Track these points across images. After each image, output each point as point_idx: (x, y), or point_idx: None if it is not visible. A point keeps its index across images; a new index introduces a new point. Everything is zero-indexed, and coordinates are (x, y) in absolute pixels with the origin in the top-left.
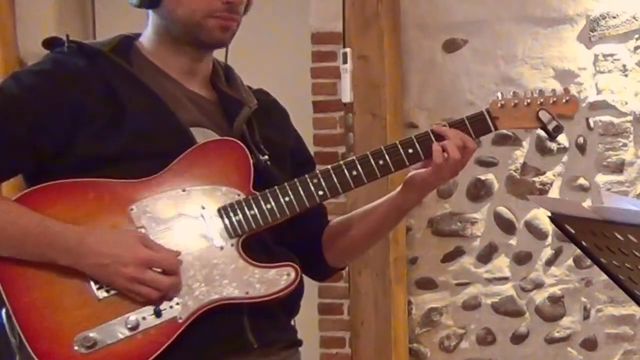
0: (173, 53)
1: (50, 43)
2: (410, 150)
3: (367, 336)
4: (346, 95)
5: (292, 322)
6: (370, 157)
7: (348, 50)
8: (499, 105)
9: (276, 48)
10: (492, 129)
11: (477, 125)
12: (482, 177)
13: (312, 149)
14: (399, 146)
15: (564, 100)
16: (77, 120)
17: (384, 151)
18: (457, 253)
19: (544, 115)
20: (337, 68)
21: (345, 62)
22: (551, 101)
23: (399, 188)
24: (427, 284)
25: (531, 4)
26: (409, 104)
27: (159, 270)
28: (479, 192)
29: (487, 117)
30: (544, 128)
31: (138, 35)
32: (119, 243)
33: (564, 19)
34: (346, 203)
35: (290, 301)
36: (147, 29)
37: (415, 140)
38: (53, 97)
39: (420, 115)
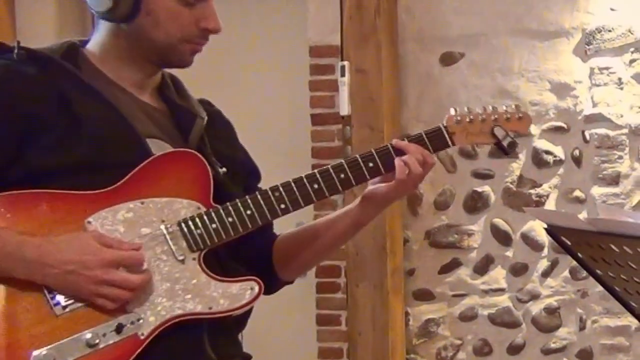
0: (128, 66)
1: None
2: (371, 164)
3: (365, 347)
4: (344, 108)
5: (240, 337)
6: (331, 170)
7: (346, 63)
8: (454, 120)
9: (274, 61)
10: (450, 144)
11: (435, 140)
12: (479, 189)
13: (310, 161)
14: (360, 160)
15: (517, 117)
16: (29, 130)
17: (345, 165)
18: (454, 264)
19: (499, 132)
20: (335, 81)
21: (343, 75)
22: (505, 117)
23: (356, 201)
24: (424, 295)
25: (528, 18)
26: (407, 117)
27: (125, 269)
28: (475, 204)
29: (445, 132)
30: (499, 144)
31: (84, 41)
32: (78, 247)
33: (560, 32)
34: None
35: (243, 316)
36: (100, 37)
37: (375, 154)
38: (2, 107)
39: (417, 127)
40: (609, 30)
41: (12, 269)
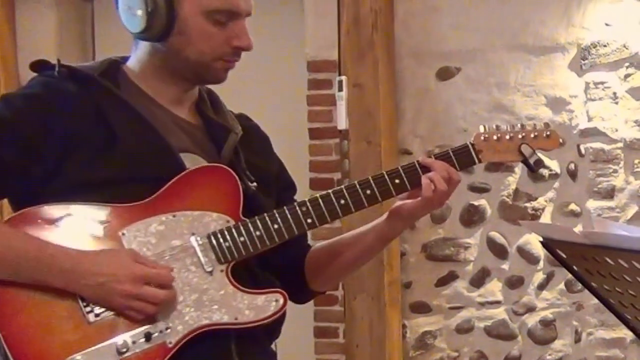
0: (165, 83)
1: (39, 66)
2: (397, 181)
3: (362, 359)
4: (341, 123)
5: (273, 346)
6: (358, 186)
7: (343, 78)
8: (482, 138)
9: (273, 76)
10: (476, 161)
11: (462, 157)
12: (475, 203)
13: (308, 175)
14: (386, 176)
15: (544, 135)
16: (67, 145)
17: (372, 181)
18: (451, 277)
19: (526, 149)
20: (332, 96)
21: (340, 89)
22: (532, 135)
23: (384, 216)
24: (421, 308)
25: (523, 33)
26: (403, 131)
27: (153, 285)
28: (472, 217)
29: (472, 150)
30: (526, 162)
31: (125, 58)
32: (112, 262)
33: (555, 47)
34: (341, 228)
35: (273, 326)
36: (138, 56)
37: (402, 171)
38: (44, 122)
39: (414, 142)
40: (604, 45)
41: (49, 279)
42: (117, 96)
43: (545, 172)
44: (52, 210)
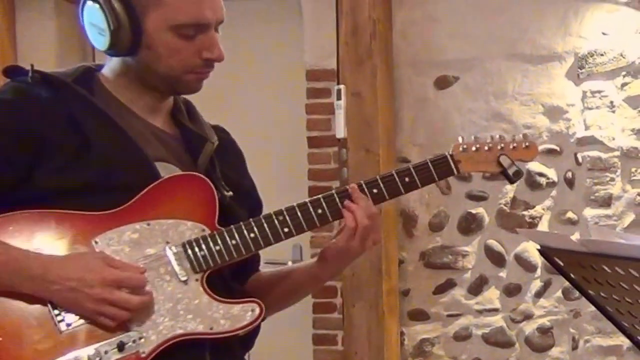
0: (139, 92)
1: (11, 71)
2: (375, 190)
3: None
4: (340, 131)
5: (247, 357)
6: (335, 195)
7: (342, 87)
8: (461, 149)
9: (272, 85)
10: (455, 171)
11: (440, 168)
12: (473, 211)
13: (307, 183)
14: (364, 185)
15: (523, 146)
16: (38, 152)
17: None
18: (449, 285)
19: (505, 160)
20: (331, 104)
21: (339, 98)
22: (511, 146)
23: (316, 257)
24: (419, 315)
25: (521, 42)
26: (402, 140)
27: (127, 290)
28: (469, 225)
29: (450, 160)
30: (504, 173)
31: (100, 66)
32: (83, 266)
33: (553, 56)
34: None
35: (248, 336)
36: (111, 66)
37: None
38: (14, 128)
39: (412, 150)
40: (601, 54)
41: (18, 284)
42: (91, 103)
43: (542, 180)
44: (23, 217)
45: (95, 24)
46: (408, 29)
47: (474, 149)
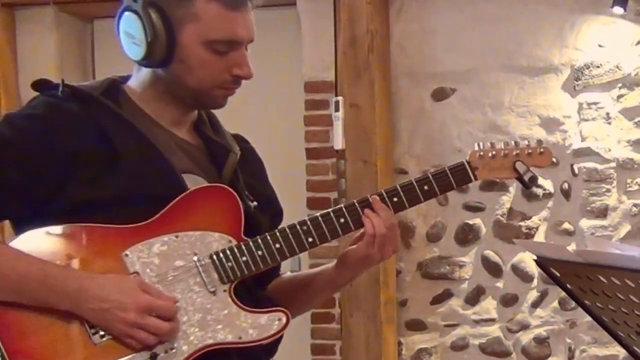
0: (166, 105)
1: (40, 85)
2: (396, 199)
3: None
4: (338, 143)
5: None
6: (357, 204)
7: (340, 98)
8: (477, 156)
9: (270, 96)
10: (472, 178)
11: (458, 175)
12: (470, 222)
13: (305, 194)
14: (385, 194)
15: (538, 152)
16: (70, 166)
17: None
18: (446, 295)
19: (520, 166)
20: (329, 116)
21: (337, 110)
22: (526, 152)
23: (333, 262)
24: (417, 325)
25: (517, 54)
26: (399, 151)
27: (157, 316)
28: (467, 236)
29: (468, 167)
30: (520, 178)
31: (125, 78)
32: (119, 288)
33: (549, 68)
34: (338, 247)
35: (272, 343)
36: (139, 78)
37: (399, 188)
38: (47, 142)
39: (410, 161)
40: (597, 66)
41: (54, 301)
42: (120, 116)
43: (539, 191)
44: (55, 231)
45: (131, 34)
46: (405, 41)
47: (490, 155)
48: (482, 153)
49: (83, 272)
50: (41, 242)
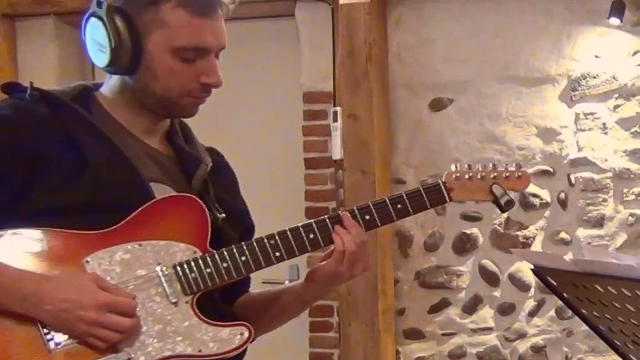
0: (136, 113)
1: (10, 87)
2: (368, 217)
3: None
4: (336, 153)
5: None
6: (327, 221)
7: (338, 109)
8: (454, 177)
9: (269, 107)
10: (447, 199)
11: (433, 195)
12: (467, 231)
13: (303, 204)
14: (356, 211)
15: (516, 176)
16: (35, 170)
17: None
18: (444, 304)
19: (497, 189)
20: (327, 126)
21: (335, 120)
22: (504, 175)
23: (302, 279)
24: (415, 334)
25: (514, 65)
26: (397, 161)
27: (117, 313)
28: (464, 245)
29: (443, 188)
30: (496, 202)
31: (98, 85)
32: (76, 288)
33: (546, 79)
34: None
35: (235, 358)
36: (109, 85)
37: (372, 205)
38: (12, 145)
39: (407, 171)
40: (594, 77)
41: (9, 303)
42: (89, 122)
43: (536, 200)
44: (16, 235)
45: (96, 40)
46: (403, 52)
47: (467, 177)
48: (458, 174)
49: (39, 274)
50: (1, 244)
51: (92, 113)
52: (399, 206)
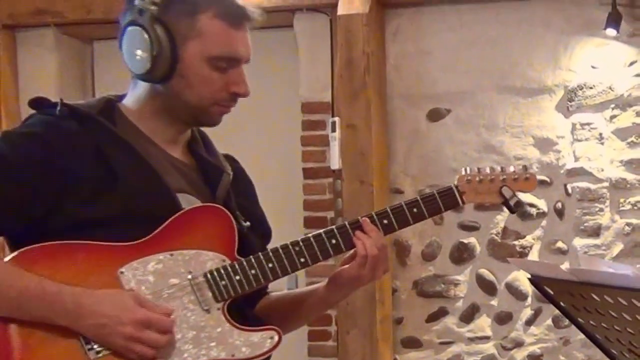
0: (162, 123)
1: (37, 103)
2: (385, 222)
3: None
4: (335, 163)
5: None
6: (348, 226)
7: (336, 119)
8: (465, 180)
9: (268, 117)
10: (460, 203)
11: (446, 199)
12: (465, 241)
13: (302, 214)
14: (375, 217)
15: (524, 177)
16: (68, 184)
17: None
18: (441, 313)
19: (506, 191)
20: (326, 136)
21: (333, 130)
22: (513, 178)
23: (325, 281)
24: (413, 343)
25: (512, 75)
26: (395, 171)
27: (154, 330)
28: (461, 255)
29: (456, 192)
30: (506, 203)
31: (120, 97)
32: (116, 303)
33: (543, 89)
34: (334, 265)
35: None
36: (136, 95)
37: (389, 211)
38: (45, 161)
39: (405, 181)
40: (590, 87)
41: (52, 317)
42: (117, 135)
43: (533, 210)
44: (52, 249)
45: (135, 48)
46: (401, 62)
47: (477, 180)
48: (469, 178)
49: (79, 288)
50: (37, 259)
51: (116, 125)
52: (415, 210)
